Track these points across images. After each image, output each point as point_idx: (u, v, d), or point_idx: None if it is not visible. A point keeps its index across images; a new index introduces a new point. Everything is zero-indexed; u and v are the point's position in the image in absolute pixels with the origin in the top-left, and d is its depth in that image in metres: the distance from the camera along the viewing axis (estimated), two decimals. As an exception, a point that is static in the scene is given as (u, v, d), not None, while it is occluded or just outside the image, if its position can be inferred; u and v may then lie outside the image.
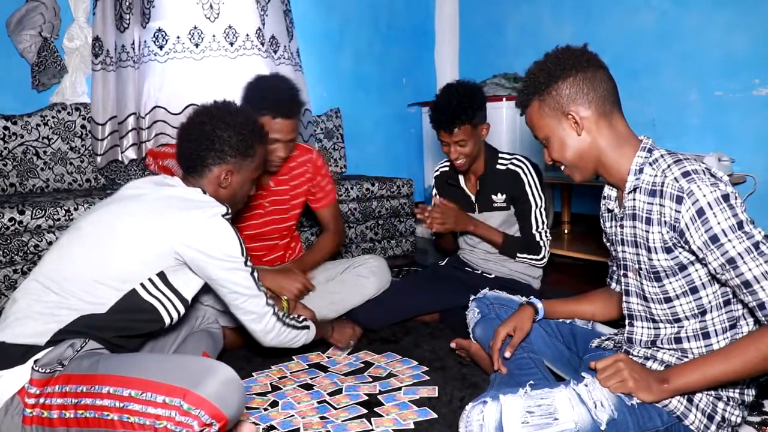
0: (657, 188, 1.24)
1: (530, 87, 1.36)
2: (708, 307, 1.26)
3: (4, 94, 3.00)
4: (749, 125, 2.93)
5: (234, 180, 1.61)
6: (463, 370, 1.92)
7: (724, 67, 2.98)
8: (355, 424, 1.60)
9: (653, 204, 1.25)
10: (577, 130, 1.31)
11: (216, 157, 1.57)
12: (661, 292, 1.30)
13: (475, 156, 2.22)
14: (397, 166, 4.26)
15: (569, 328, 1.67)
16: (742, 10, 2.90)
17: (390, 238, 3.59)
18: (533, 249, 2.23)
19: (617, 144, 1.32)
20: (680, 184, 1.19)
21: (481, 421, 1.21)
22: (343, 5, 4.06)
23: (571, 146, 1.33)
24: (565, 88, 1.30)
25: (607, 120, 1.31)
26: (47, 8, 3.05)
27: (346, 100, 4.04)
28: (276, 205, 2.33)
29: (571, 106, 1.30)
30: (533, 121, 1.38)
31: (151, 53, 3.23)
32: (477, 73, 3.62)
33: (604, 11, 3.45)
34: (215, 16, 3.39)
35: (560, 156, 1.36)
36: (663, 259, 1.26)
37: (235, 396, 1.24)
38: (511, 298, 1.80)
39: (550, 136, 1.35)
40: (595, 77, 1.31)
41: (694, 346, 1.29)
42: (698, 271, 1.24)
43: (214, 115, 1.59)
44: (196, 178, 1.59)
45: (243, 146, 1.59)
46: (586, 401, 1.22)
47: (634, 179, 1.29)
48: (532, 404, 1.22)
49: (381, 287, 2.32)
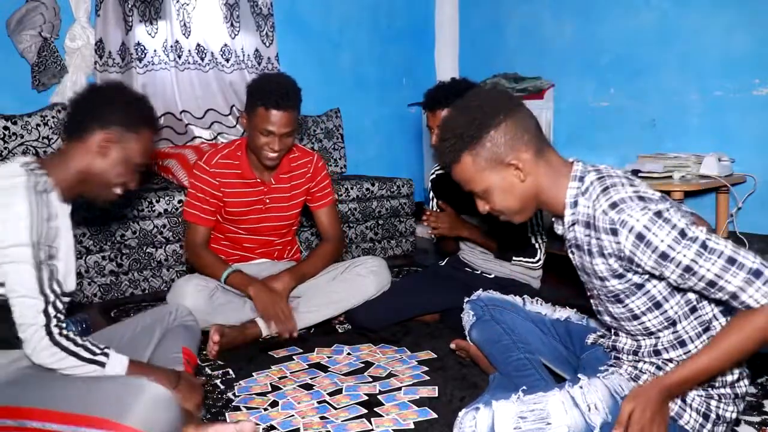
0: (590, 221, 1.23)
1: (459, 142, 1.26)
2: (676, 317, 1.26)
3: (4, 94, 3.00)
4: (749, 125, 2.92)
5: (113, 150, 1.47)
6: (463, 370, 1.92)
7: (724, 67, 2.98)
8: (355, 424, 1.60)
9: (590, 237, 1.24)
10: (519, 176, 1.26)
11: (99, 122, 1.47)
12: (627, 311, 1.30)
13: None
14: (397, 166, 4.26)
15: (565, 325, 1.68)
16: (742, 10, 2.90)
17: (390, 238, 3.59)
18: (528, 252, 2.23)
19: (555, 178, 1.28)
20: (610, 217, 1.18)
21: (473, 428, 1.21)
22: (343, 5, 4.06)
23: (513, 194, 1.28)
24: (500, 136, 1.24)
25: (543, 157, 1.27)
26: (47, 8, 3.05)
27: (346, 100, 4.03)
28: (276, 203, 2.34)
29: (510, 153, 1.24)
30: (467, 176, 1.29)
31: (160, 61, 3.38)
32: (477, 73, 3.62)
33: (604, 11, 3.45)
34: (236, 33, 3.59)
35: (503, 205, 1.30)
36: (617, 284, 1.26)
37: (164, 416, 1.21)
38: (504, 298, 1.80)
39: (489, 188, 1.28)
40: (524, 116, 1.26)
41: (674, 355, 1.29)
42: (656, 287, 1.24)
43: (108, 89, 1.59)
44: (67, 146, 1.48)
45: (128, 119, 1.50)
46: (579, 404, 1.22)
47: (570, 213, 1.28)
48: (524, 409, 1.22)
49: (381, 286, 2.32)
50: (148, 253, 2.84)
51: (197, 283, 2.18)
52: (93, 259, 2.71)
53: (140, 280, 2.84)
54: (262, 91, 2.12)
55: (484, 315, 1.77)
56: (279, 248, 2.45)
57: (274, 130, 2.11)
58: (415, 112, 4.29)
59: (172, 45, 3.39)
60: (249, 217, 2.31)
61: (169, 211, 2.87)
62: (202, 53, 3.50)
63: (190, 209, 2.27)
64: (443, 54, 4.43)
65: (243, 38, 3.62)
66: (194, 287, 2.15)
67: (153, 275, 2.87)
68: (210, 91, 3.52)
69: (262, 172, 2.30)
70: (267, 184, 2.32)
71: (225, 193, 2.26)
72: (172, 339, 1.77)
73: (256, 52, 3.66)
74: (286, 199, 2.36)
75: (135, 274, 2.82)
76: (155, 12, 3.34)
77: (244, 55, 3.62)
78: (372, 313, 2.27)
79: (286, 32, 3.80)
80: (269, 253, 2.44)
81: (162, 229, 2.85)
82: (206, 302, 2.14)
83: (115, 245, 2.75)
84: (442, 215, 2.22)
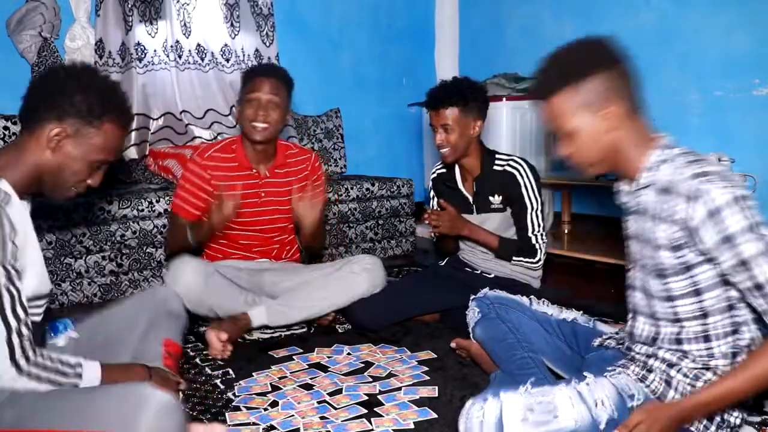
0: (670, 186, 1.22)
1: (564, 72, 1.26)
2: (710, 310, 1.25)
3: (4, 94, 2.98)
4: (749, 125, 2.92)
5: (66, 146, 1.32)
6: (463, 370, 1.92)
7: (724, 67, 2.98)
8: (355, 424, 1.60)
9: (665, 202, 1.23)
10: (607, 125, 1.26)
11: (52, 112, 1.30)
12: (664, 290, 1.29)
13: (462, 150, 2.21)
14: (397, 166, 4.26)
15: (571, 326, 1.67)
16: (742, 10, 2.90)
17: (390, 238, 3.59)
18: (529, 252, 2.23)
19: (639, 141, 1.28)
20: (695, 184, 1.17)
21: (481, 418, 1.21)
22: (343, 5, 4.06)
23: (596, 141, 1.28)
24: (605, 81, 1.24)
25: (634, 116, 1.28)
26: (47, 8, 3.05)
27: (346, 100, 4.03)
28: (271, 196, 2.35)
29: (607, 100, 1.25)
30: (558, 111, 1.28)
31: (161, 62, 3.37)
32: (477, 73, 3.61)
33: (604, 11, 3.45)
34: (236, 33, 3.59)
35: (581, 149, 1.30)
36: (668, 257, 1.25)
37: (170, 423, 1.18)
38: (511, 297, 1.80)
39: (575, 130, 1.28)
40: (629, 75, 1.27)
41: (694, 348, 1.28)
42: (704, 273, 1.23)
43: (68, 73, 1.35)
44: (21, 138, 1.35)
45: (88, 110, 1.31)
46: (586, 400, 1.22)
47: (649, 176, 1.27)
48: (532, 402, 1.21)
49: (374, 285, 2.30)
50: (148, 253, 2.84)
51: (196, 264, 2.17)
52: (93, 259, 2.71)
53: (140, 280, 2.84)
54: (250, 69, 2.33)
55: (490, 313, 1.76)
56: (277, 247, 2.44)
57: (259, 94, 2.18)
58: (415, 112, 4.29)
59: (172, 45, 3.39)
60: (244, 210, 2.29)
61: (169, 211, 2.87)
62: (202, 53, 3.50)
63: (176, 200, 2.29)
64: (443, 54, 4.43)
65: (243, 38, 3.62)
66: (192, 268, 2.15)
67: (153, 275, 2.87)
68: (210, 91, 3.52)
69: (258, 164, 2.32)
70: (262, 176, 2.33)
71: (217, 187, 2.23)
72: (156, 330, 1.69)
73: (256, 52, 3.66)
74: (281, 194, 2.37)
75: (135, 274, 2.82)
76: (155, 12, 3.34)
77: (245, 55, 3.62)
78: (372, 313, 2.27)
79: (286, 32, 3.80)
80: (267, 251, 2.42)
81: (162, 229, 2.84)
82: (202, 284, 2.14)
83: (115, 245, 2.75)
84: (443, 214, 2.22)
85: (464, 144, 2.20)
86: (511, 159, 2.25)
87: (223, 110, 3.54)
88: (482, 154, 2.27)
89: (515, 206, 2.24)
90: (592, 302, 2.47)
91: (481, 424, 1.21)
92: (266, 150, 2.32)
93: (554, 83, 1.27)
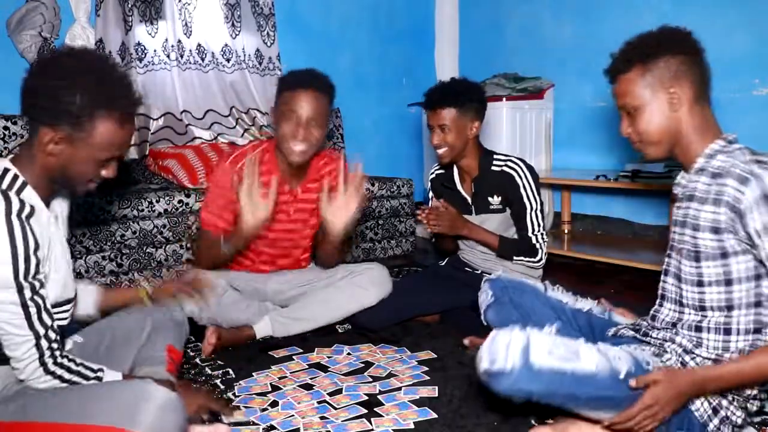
0: (723, 170, 1.25)
1: (637, 51, 1.33)
2: (736, 303, 1.26)
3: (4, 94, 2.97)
4: (749, 125, 2.92)
5: (65, 150, 1.26)
6: (463, 370, 1.92)
7: (724, 67, 2.97)
8: (355, 424, 1.60)
9: (714, 184, 1.26)
10: (672, 106, 1.31)
11: (43, 116, 1.24)
12: (696, 275, 1.30)
13: (459, 151, 2.21)
14: (397, 166, 4.26)
15: (586, 317, 1.64)
16: (742, 10, 2.90)
17: (390, 238, 3.59)
18: (530, 251, 2.23)
19: (702, 129, 1.33)
20: (750, 167, 1.20)
21: (508, 341, 1.20)
22: (342, 5, 4.06)
23: (660, 121, 1.33)
24: (675, 63, 1.31)
25: (700, 104, 1.33)
26: (47, 8, 3.05)
27: (345, 100, 4.02)
28: (300, 213, 2.21)
29: (675, 81, 1.31)
30: (628, 88, 1.34)
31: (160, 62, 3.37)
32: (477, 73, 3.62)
33: (604, 11, 3.45)
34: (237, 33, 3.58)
35: (646, 128, 1.34)
36: (708, 239, 1.26)
37: (172, 418, 1.19)
38: (525, 281, 1.75)
39: (642, 107, 1.33)
40: (702, 62, 1.34)
41: (712, 338, 1.29)
42: (738, 264, 1.24)
43: (59, 66, 1.27)
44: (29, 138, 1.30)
45: (76, 111, 1.22)
46: (606, 353, 1.23)
47: (703, 162, 1.31)
48: (558, 341, 1.22)
49: (382, 297, 2.26)
50: (148, 253, 2.84)
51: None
52: (93, 259, 2.71)
53: (140, 280, 2.84)
54: (292, 75, 2.06)
55: (503, 297, 1.71)
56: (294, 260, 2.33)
57: (299, 112, 1.97)
58: (415, 112, 4.29)
59: (173, 45, 3.39)
60: (271, 226, 2.13)
61: (169, 211, 2.87)
62: (202, 53, 3.49)
63: (206, 214, 2.10)
64: (443, 54, 4.43)
65: (244, 38, 3.61)
66: None
67: (153, 275, 2.87)
68: (210, 91, 3.51)
69: (290, 180, 2.15)
70: (294, 192, 2.17)
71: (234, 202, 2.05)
72: (159, 336, 1.70)
73: (257, 52, 3.65)
74: (309, 210, 2.21)
75: (135, 274, 2.82)
76: (155, 12, 3.34)
77: (245, 55, 3.61)
78: (372, 313, 2.26)
79: (286, 32, 3.79)
80: (285, 265, 2.32)
81: (162, 229, 2.85)
82: (215, 301, 2.05)
83: (115, 245, 2.75)
84: (443, 213, 2.21)
85: (461, 144, 2.20)
86: (509, 159, 2.25)
87: (223, 111, 3.54)
88: (480, 154, 2.27)
89: (514, 207, 2.24)
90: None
91: (507, 346, 1.19)
92: (301, 167, 2.13)
93: (628, 60, 1.34)
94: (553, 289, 1.73)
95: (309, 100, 1.99)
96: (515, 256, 2.24)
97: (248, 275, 2.26)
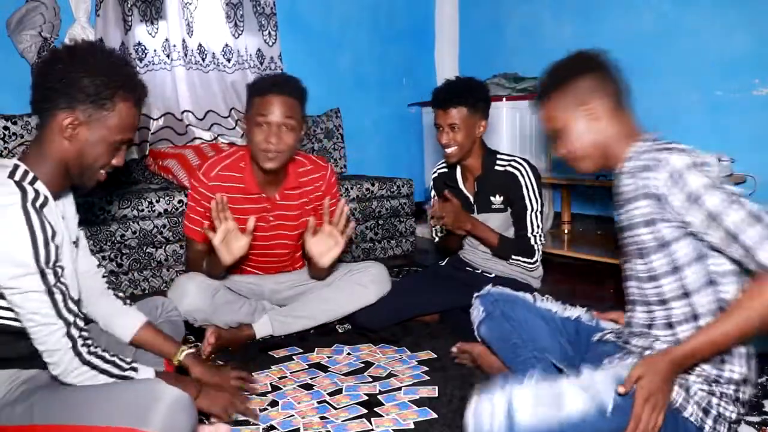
0: (639, 168, 1.32)
1: (552, 79, 1.45)
2: (692, 287, 1.30)
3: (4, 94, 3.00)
4: (749, 125, 2.92)
5: (82, 134, 1.28)
6: (463, 370, 1.92)
7: (724, 67, 2.98)
8: (355, 424, 1.60)
9: (634, 182, 1.33)
10: (593, 121, 1.40)
11: (61, 100, 1.26)
12: (647, 270, 1.35)
13: (467, 150, 2.22)
14: (397, 166, 4.26)
15: (574, 325, 1.67)
16: (742, 10, 2.90)
17: (390, 238, 3.59)
18: (527, 252, 2.23)
19: (624, 135, 1.40)
20: (655, 155, 1.28)
21: (490, 410, 1.21)
22: (343, 5, 4.06)
23: (585, 137, 1.41)
24: (587, 82, 1.41)
25: (619, 114, 1.41)
26: (47, 8, 3.05)
27: (346, 100, 4.04)
28: (282, 220, 2.18)
29: (591, 98, 1.40)
30: (550, 114, 1.44)
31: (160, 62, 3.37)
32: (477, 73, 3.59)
33: (604, 11, 3.45)
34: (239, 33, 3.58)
35: (574, 146, 1.42)
36: (645, 234, 1.32)
37: (183, 417, 1.19)
38: (515, 294, 1.78)
39: (566, 127, 1.42)
40: (610, 75, 1.43)
41: (684, 330, 1.31)
42: (681, 250, 1.28)
43: (74, 53, 1.30)
44: (39, 133, 1.32)
45: (96, 92, 1.26)
46: (589, 389, 1.24)
47: (628, 165, 1.37)
48: (541, 390, 1.24)
49: (381, 295, 2.26)
50: (148, 253, 2.85)
51: (200, 281, 2.07)
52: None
53: (140, 280, 2.84)
54: (261, 81, 2.05)
55: (494, 311, 1.74)
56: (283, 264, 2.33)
57: (270, 117, 1.94)
58: (415, 112, 4.29)
59: (174, 45, 3.39)
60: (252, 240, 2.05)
61: (169, 211, 2.87)
62: (203, 53, 3.49)
63: (187, 223, 2.13)
64: (443, 54, 4.43)
65: (245, 38, 3.61)
66: (197, 286, 2.05)
67: (153, 275, 2.87)
68: (211, 91, 3.51)
69: (267, 186, 2.13)
70: (271, 199, 2.14)
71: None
72: None
73: (258, 51, 3.65)
74: (292, 218, 2.18)
75: (135, 274, 2.82)
76: (156, 12, 3.34)
77: (247, 55, 3.61)
78: (372, 313, 2.26)
79: (286, 32, 3.80)
80: (272, 270, 2.31)
81: (162, 229, 2.85)
82: (208, 301, 2.05)
83: (115, 245, 2.75)
84: (446, 205, 2.20)
85: (470, 144, 2.21)
86: (513, 159, 2.25)
87: (223, 112, 3.54)
88: (483, 154, 2.27)
89: (515, 206, 2.24)
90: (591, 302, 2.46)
91: (491, 416, 1.21)
92: (277, 173, 2.10)
93: (545, 90, 1.45)
94: (541, 299, 1.77)
95: (279, 104, 1.96)
96: (513, 255, 2.24)
97: (245, 276, 2.26)
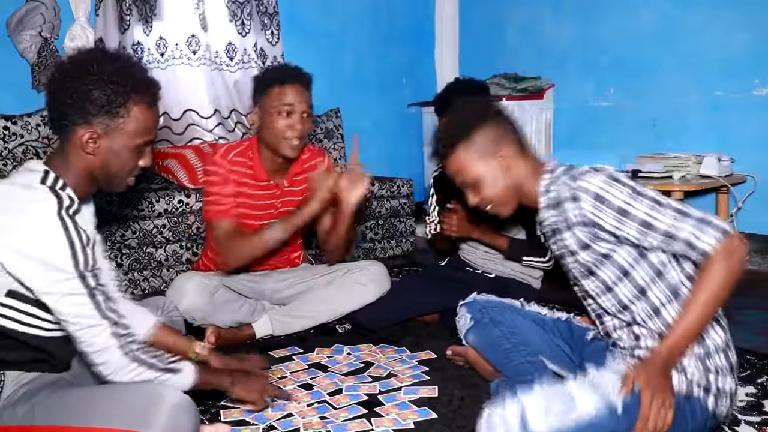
0: (558, 199, 1.36)
1: (455, 135, 1.46)
2: (644, 284, 1.34)
3: (4, 94, 3.00)
4: (749, 125, 2.92)
5: (103, 145, 1.29)
6: (463, 370, 1.92)
7: (724, 67, 2.98)
8: (355, 424, 1.60)
9: (559, 214, 1.37)
10: (505, 168, 1.43)
11: (76, 116, 1.26)
12: (601, 283, 1.38)
13: None
14: (397, 166, 4.25)
15: (566, 324, 1.68)
16: (742, 10, 2.90)
17: (390, 238, 3.59)
18: (540, 251, 2.22)
19: (532, 173, 1.45)
20: (570, 186, 1.32)
21: (504, 425, 1.21)
22: (343, 5, 4.06)
23: (498, 184, 1.44)
24: (489, 132, 1.44)
25: (524, 155, 1.46)
26: (47, 8, 3.05)
27: (346, 100, 4.03)
28: (289, 206, 2.21)
29: (498, 146, 1.43)
30: (461, 166, 1.46)
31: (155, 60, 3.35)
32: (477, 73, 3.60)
33: (604, 11, 3.45)
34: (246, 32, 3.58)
35: (491, 194, 1.45)
36: (586, 255, 1.36)
37: (186, 420, 1.19)
38: (501, 300, 1.79)
39: (480, 178, 1.44)
40: (506, 121, 1.47)
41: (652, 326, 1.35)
42: (622, 255, 1.33)
43: (79, 64, 1.29)
44: (62, 144, 1.32)
45: (108, 102, 1.26)
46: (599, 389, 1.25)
47: (544, 200, 1.41)
48: (551, 395, 1.24)
49: (380, 294, 2.27)
50: (148, 253, 2.85)
51: (199, 280, 2.08)
52: (93, 259, 2.71)
53: (140, 280, 2.84)
54: (273, 72, 2.10)
55: (483, 318, 1.76)
56: (285, 257, 2.34)
57: (295, 105, 2.01)
58: (415, 112, 4.29)
59: (176, 44, 3.37)
60: (260, 223, 2.14)
61: (169, 211, 2.87)
62: (204, 52, 3.47)
63: (214, 205, 2.06)
64: (443, 54, 4.43)
65: (248, 37, 3.58)
66: (195, 285, 2.06)
67: (153, 275, 2.87)
68: (211, 91, 3.50)
69: (275, 174, 2.17)
70: (280, 186, 2.19)
71: (237, 194, 2.10)
72: None
73: (261, 51, 3.62)
74: (298, 203, 2.19)
75: (135, 274, 2.82)
76: (156, 11, 3.33)
77: (249, 54, 3.60)
78: (372, 313, 2.27)
79: (286, 32, 3.79)
80: (275, 263, 2.32)
81: (162, 229, 2.85)
82: (207, 300, 2.06)
83: (115, 245, 2.75)
84: (452, 216, 2.21)
85: None
86: None
87: (224, 112, 3.53)
88: None
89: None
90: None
91: (505, 425, 1.21)
92: (289, 160, 2.15)
93: (449, 143, 1.47)
94: (529, 305, 1.78)
95: (300, 92, 2.04)
96: (525, 257, 2.23)
97: (245, 275, 2.26)
